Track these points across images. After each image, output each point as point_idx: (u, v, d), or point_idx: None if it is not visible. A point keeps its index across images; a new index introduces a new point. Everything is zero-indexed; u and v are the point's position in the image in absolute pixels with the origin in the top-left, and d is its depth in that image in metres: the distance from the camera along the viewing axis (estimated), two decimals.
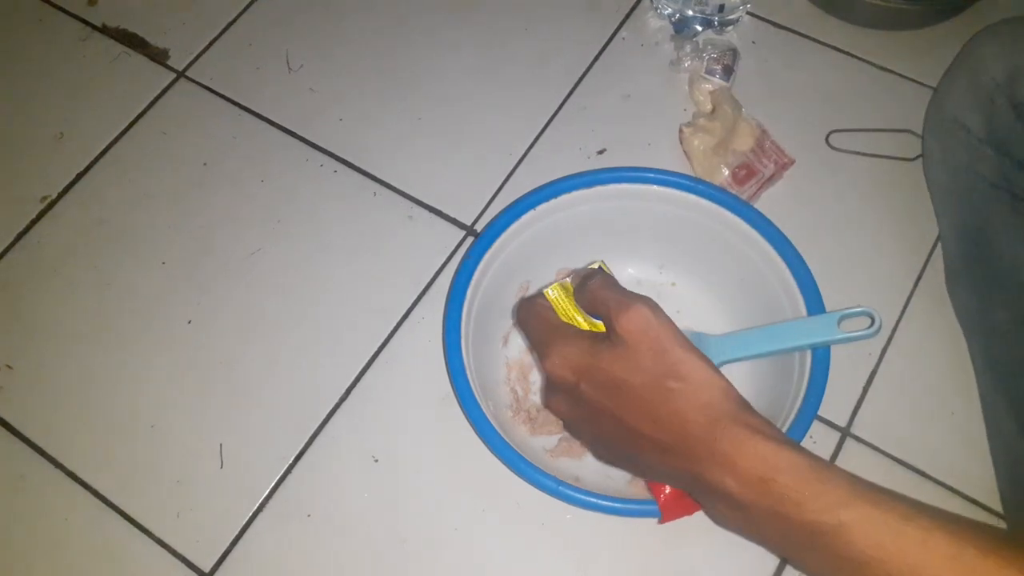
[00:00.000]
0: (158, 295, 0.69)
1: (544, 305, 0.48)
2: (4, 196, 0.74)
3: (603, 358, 0.43)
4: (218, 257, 0.70)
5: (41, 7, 0.83)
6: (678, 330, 0.43)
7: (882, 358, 0.64)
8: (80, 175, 0.75)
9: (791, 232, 0.57)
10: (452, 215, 0.71)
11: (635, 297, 0.44)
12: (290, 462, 0.63)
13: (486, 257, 0.58)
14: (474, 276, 0.57)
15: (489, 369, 0.60)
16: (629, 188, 0.59)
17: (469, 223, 0.71)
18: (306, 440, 0.63)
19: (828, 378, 0.53)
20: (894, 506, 0.37)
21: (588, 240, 0.62)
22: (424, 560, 0.59)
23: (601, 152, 0.73)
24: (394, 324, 0.67)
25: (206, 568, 0.60)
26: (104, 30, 0.82)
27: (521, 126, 0.75)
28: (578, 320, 0.47)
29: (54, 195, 0.74)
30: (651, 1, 0.79)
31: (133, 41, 0.81)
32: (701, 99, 0.73)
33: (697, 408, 0.41)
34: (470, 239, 0.70)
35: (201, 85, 0.79)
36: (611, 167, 0.62)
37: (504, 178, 0.73)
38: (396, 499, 0.61)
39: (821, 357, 0.53)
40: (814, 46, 0.77)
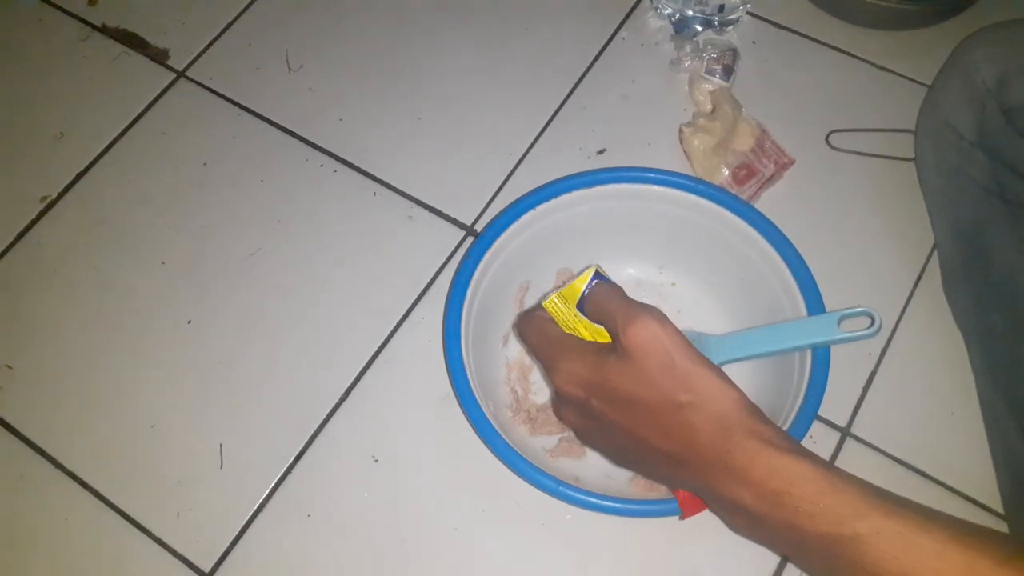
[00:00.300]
0: (158, 295, 0.69)
1: (544, 318, 0.48)
2: (4, 196, 0.74)
3: (611, 374, 0.43)
4: (218, 257, 0.70)
5: (41, 7, 0.83)
6: (687, 341, 0.42)
7: (882, 358, 0.64)
8: (80, 175, 0.75)
9: (791, 232, 0.57)
10: (452, 215, 0.71)
11: (641, 309, 0.43)
12: (290, 462, 0.63)
13: (486, 257, 0.58)
14: (474, 276, 0.57)
15: (489, 369, 0.60)
16: (629, 188, 0.60)
17: (469, 223, 0.71)
18: (306, 440, 0.63)
19: (828, 378, 0.53)
20: (909, 517, 0.37)
21: (588, 240, 0.62)
22: (424, 560, 0.59)
23: (601, 152, 0.73)
24: (394, 324, 0.67)
25: (206, 568, 0.60)
26: (104, 30, 0.82)
27: (521, 126, 0.75)
28: (580, 330, 0.47)
29: (54, 195, 0.74)
30: (651, 1, 0.79)
31: (133, 41, 0.81)
32: (701, 99, 0.73)
33: (708, 421, 0.41)
34: (470, 239, 0.70)
35: (201, 85, 0.79)
36: (611, 167, 0.62)
37: (504, 178, 0.73)
38: (396, 499, 0.61)
39: (821, 357, 0.53)
40: (814, 46, 0.77)
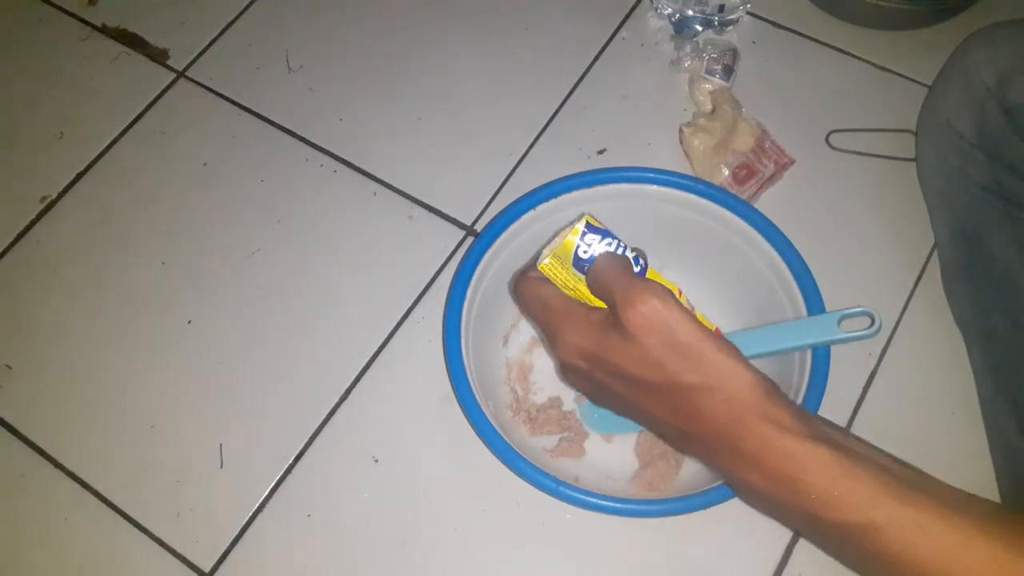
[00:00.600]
0: (158, 295, 0.69)
1: (541, 280, 0.45)
2: (4, 196, 0.74)
3: (612, 352, 0.41)
4: (218, 257, 0.70)
5: (41, 7, 0.83)
6: (693, 318, 0.39)
7: (882, 358, 0.64)
8: (80, 175, 0.75)
9: (791, 232, 0.57)
10: (452, 215, 0.71)
11: (641, 286, 0.39)
12: (290, 462, 0.63)
13: (486, 257, 0.58)
14: (474, 276, 0.57)
15: (489, 369, 0.60)
16: (629, 188, 0.59)
17: (469, 223, 0.71)
18: (306, 440, 0.63)
19: (828, 378, 0.53)
20: (927, 504, 0.36)
21: None
22: (424, 560, 0.59)
23: (601, 152, 0.73)
24: (394, 324, 0.67)
25: (206, 568, 0.59)
26: (104, 30, 0.82)
27: (521, 126, 0.75)
28: (579, 289, 0.44)
29: (54, 195, 0.74)
30: (651, 1, 0.79)
31: (133, 41, 0.81)
32: (701, 99, 0.73)
33: (719, 403, 0.39)
34: (470, 239, 0.70)
35: (201, 85, 0.79)
36: (611, 167, 0.62)
37: (504, 178, 0.73)
38: (396, 499, 0.61)
39: (821, 357, 0.53)
40: (814, 46, 0.77)
